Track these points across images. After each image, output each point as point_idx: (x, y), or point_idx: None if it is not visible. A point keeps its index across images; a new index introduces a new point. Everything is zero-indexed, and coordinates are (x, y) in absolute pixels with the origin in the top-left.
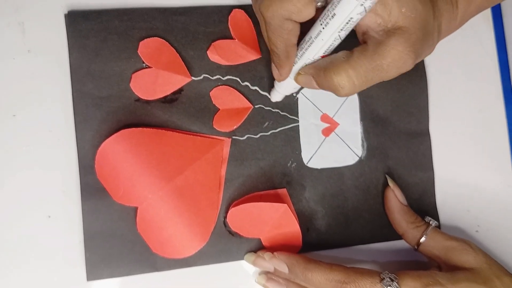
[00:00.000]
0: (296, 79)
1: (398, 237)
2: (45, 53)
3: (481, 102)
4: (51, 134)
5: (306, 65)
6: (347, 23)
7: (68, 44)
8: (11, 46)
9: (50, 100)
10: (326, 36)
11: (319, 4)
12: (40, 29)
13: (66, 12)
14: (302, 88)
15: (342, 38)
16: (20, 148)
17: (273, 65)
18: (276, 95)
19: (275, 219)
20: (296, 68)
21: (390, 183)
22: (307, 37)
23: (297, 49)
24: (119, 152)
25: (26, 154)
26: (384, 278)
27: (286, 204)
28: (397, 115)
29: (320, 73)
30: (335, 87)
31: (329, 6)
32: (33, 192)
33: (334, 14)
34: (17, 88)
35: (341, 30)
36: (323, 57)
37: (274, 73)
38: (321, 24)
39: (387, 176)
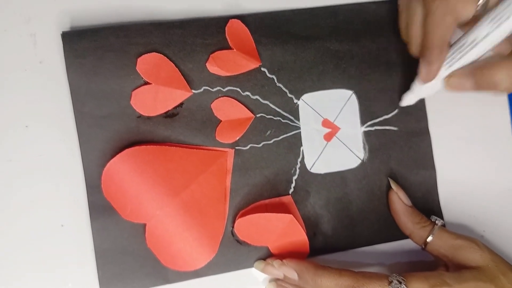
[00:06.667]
0: (448, 82)
1: (404, 236)
2: (57, 64)
3: (485, 105)
4: (64, 145)
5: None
6: None
7: (66, 64)
8: (23, 57)
9: (62, 111)
10: (496, 37)
11: (478, 8)
12: (52, 40)
13: (61, 32)
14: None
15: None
16: (33, 157)
17: (422, 64)
18: (410, 99)
19: (282, 228)
20: (449, 71)
21: (393, 185)
22: (469, 39)
23: (451, 52)
24: (125, 171)
25: (39, 164)
26: (392, 281)
27: (291, 215)
28: (396, 115)
29: (480, 70)
30: (495, 82)
31: (500, 8)
32: (46, 201)
33: (511, 15)
34: (30, 99)
35: None
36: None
37: (422, 72)
38: (491, 25)
39: (389, 179)
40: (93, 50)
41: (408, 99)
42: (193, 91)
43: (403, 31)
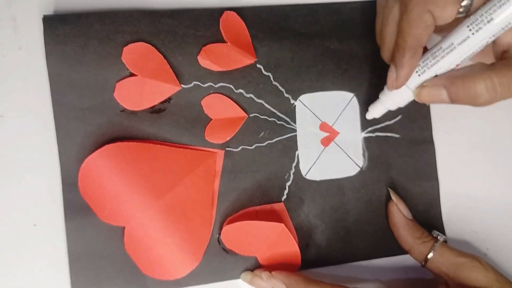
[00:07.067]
0: (419, 93)
1: (403, 251)
2: (37, 51)
3: (492, 115)
4: (41, 138)
5: (435, 76)
6: (503, 28)
7: (46, 51)
8: (1, 43)
9: (41, 101)
10: (475, 43)
11: (461, 9)
12: (33, 25)
13: (42, 16)
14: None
15: (483, 47)
16: (7, 150)
17: (391, 68)
18: (377, 110)
19: (272, 238)
20: (420, 79)
21: (393, 196)
22: (444, 45)
23: (423, 59)
24: (104, 168)
25: (14, 157)
26: None
27: (283, 224)
28: (399, 122)
29: (457, 81)
30: (474, 95)
31: (482, 11)
32: (19, 198)
33: (492, 19)
34: (6, 87)
35: (493, 36)
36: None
37: (390, 78)
38: (470, 30)
39: (389, 189)
40: (76, 36)
41: (375, 111)
42: (183, 85)
43: (378, 33)
